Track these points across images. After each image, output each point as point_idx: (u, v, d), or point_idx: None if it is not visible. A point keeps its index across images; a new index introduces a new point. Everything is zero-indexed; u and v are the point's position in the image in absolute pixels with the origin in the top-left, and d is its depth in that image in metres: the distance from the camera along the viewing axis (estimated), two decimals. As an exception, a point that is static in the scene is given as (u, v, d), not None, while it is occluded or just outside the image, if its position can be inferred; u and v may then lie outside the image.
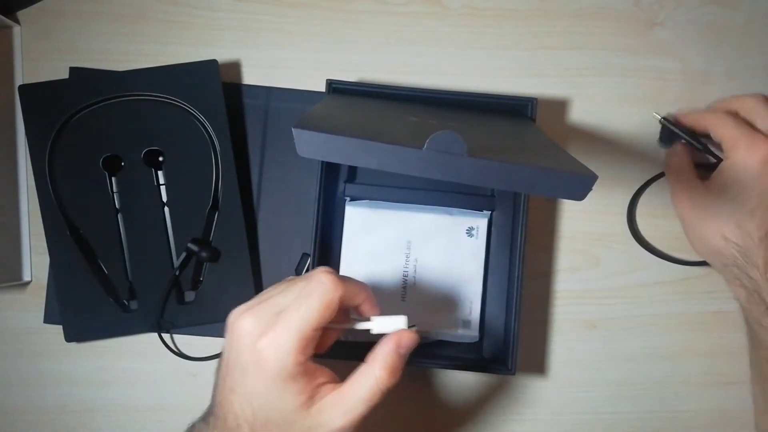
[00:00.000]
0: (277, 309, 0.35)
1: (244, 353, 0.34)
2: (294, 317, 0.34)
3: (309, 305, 0.34)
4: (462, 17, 0.55)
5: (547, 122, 0.53)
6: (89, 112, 0.52)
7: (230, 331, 0.36)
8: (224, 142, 0.52)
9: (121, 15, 0.55)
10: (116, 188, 0.52)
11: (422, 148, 0.33)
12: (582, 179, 0.33)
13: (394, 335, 0.36)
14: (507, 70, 0.55)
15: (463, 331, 0.50)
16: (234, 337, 0.35)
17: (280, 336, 0.34)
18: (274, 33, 0.55)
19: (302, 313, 0.34)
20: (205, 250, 0.51)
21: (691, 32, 0.55)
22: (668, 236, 0.54)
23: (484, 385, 0.53)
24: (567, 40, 0.55)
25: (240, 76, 0.54)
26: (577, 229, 0.54)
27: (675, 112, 0.52)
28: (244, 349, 0.34)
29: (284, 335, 0.33)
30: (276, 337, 0.34)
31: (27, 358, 0.53)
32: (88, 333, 0.52)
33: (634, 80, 0.55)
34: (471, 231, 0.51)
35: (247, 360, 0.34)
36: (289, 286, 0.36)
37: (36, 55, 0.54)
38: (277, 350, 0.33)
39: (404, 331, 0.36)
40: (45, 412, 0.53)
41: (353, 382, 0.35)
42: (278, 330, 0.34)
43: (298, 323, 0.34)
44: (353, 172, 0.53)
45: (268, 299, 0.36)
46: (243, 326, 0.34)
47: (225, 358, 0.36)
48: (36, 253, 0.54)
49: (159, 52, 0.54)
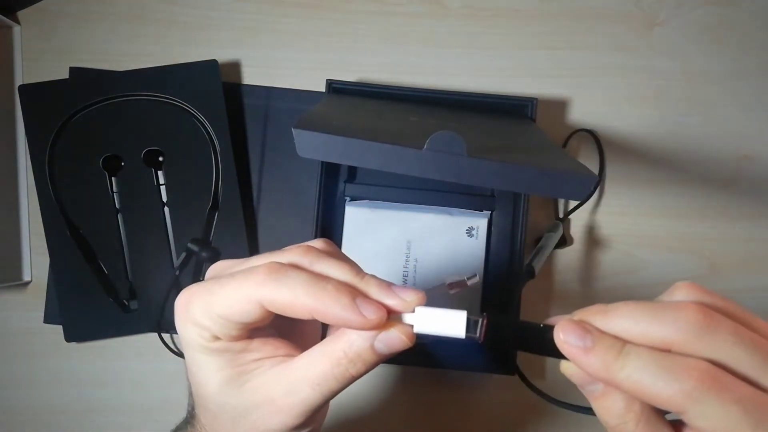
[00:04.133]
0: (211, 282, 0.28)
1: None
2: (208, 294, 0.27)
3: (222, 291, 0.27)
4: (462, 17, 0.55)
5: (547, 122, 0.53)
6: (89, 112, 0.52)
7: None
8: (224, 142, 0.52)
9: (121, 15, 0.55)
10: (116, 188, 0.52)
11: (422, 148, 0.33)
12: (582, 179, 0.33)
13: (382, 330, 0.26)
14: (507, 70, 0.55)
15: (463, 331, 0.50)
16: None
17: (193, 308, 0.27)
18: (274, 33, 0.55)
19: (215, 295, 0.27)
20: (205, 250, 0.51)
21: (692, 32, 0.55)
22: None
23: (484, 385, 0.53)
24: (567, 40, 0.55)
25: (240, 76, 0.54)
26: (577, 228, 0.54)
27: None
28: (176, 323, 0.29)
29: (196, 308, 0.27)
30: (189, 310, 0.27)
31: (27, 358, 0.53)
32: (88, 333, 0.52)
33: (635, 80, 0.55)
34: (471, 231, 0.51)
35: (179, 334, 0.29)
36: (251, 259, 0.29)
37: (36, 55, 0.55)
38: (186, 322, 0.28)
39: (396, 331, 0.26)
40: (45, 412, 0.53)
41: (304, 357, 0.27)
42: (193, 301, 0.27)
43: (206, 302, 0.27)
44: (353, 172, 0.53)
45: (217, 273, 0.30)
46: (178, 298, 0.29)
47: None
48: (36, 253, 0.54)
49: (159, 52, 0.54)
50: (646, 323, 0.23)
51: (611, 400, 0.25)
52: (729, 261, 0.54)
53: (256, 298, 0.26)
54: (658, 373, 0.22)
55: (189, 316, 0.27)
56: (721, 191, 0.54)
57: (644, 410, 0.24)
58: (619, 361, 0.23)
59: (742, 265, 0.54)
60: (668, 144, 0.54)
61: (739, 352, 0.22)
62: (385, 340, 0.26)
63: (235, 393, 0.28)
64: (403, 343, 0.27)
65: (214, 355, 0.28)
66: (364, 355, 0.26)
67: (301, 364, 0.27)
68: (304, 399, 0.27)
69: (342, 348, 0.26)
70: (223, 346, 0.27)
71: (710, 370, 0.21)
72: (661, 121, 0.54)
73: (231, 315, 0.26)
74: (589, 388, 0.25)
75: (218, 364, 0.28)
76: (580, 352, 0.24)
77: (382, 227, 0.50)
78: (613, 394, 0.24)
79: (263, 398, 0.27)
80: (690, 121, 0.54)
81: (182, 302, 0.28)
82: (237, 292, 0.26)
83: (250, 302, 0.26)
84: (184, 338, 0.28)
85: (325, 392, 0.27)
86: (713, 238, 0.54)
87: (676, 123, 0.54)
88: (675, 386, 0.21)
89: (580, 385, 0.26)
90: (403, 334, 0.26)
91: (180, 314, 0.28)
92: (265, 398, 0.27)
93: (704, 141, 0.54)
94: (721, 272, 0.54)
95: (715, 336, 0.22)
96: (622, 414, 0.24)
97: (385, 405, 0.53)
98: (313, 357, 0.27)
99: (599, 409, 0.25)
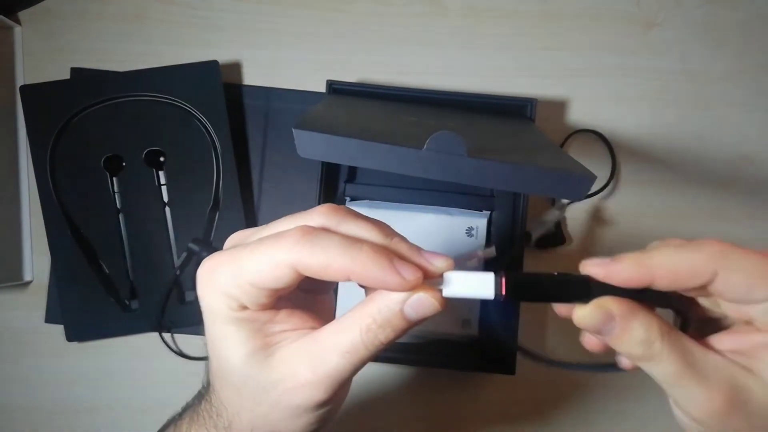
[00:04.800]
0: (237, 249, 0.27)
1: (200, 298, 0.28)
2: (236, 261, 0.26)
3: (252, 257, 0.26)
4: (462, 18, 0.55)
5: (546, 122, 0.54)
6: (90, 112, 0.52)
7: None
8: (225, 143, 0.52)
9: (122, 16, 0.55)
10: (117, 188, 0.52)
11: (422, 148, 0.33)
12: (581, 179, 0.34)
13: (412, 295, 0.25)
14: (506, 71, 0.55)
15: (463, 330, 0.50)
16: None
17: (220, 277, 0.26)
18: (275, 33, 0.55)
19: (244, 261, 0.26)
20: (206, 250, 0.51)
21: (691, 32, 0.55)
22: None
23: (484, 385, 0.53)
24: (567, 40, 0.55)
25: (241, 77, 0.55)
26: (578, 228, 0.54)
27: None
28: (199, 293, 0.28)
29: (223, 276, 0.26)
30: (215, 279, 0.27)
31: (28, 358, 0.53)
32: (89, 333, 0.52)
33: (634, 80, 0.55)
34: (471, 231, 0.51)
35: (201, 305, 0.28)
36: (272, 225, 0.28)
37: (37, 55, 0.55)
38: (212, 291, 0.27)
39: (426, 295, 0.26)
40: (46, 412, 0.53)
41: (332, 326, 0.27)
42: (220, 270, 0.27)
43: (234, 270, 0.26)
44: (353, 172, 0.53)
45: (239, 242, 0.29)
46: (201, 267, 0.28)
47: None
48: (37, 253, 0.54)
49: (160, 53, 0.54)
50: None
51: (630, 331, 0.25)
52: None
53: (290, 262, 0.25)
54: (683, 250, 0.25)
55: (215, 285, 0.26)
56: (720, 191, 0.54)
57: (663, 327, 0.26)
58: (646, 254, 0.25)
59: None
60: (667, 144, 0.54)
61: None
62: (415, 305, 0.25)
63: (260, 366, 0.27)
64: (433, 308, 0.26)
65: (240, 325, 0.27)
66: (393, 320, 0.26)
67: (329, 333, 0.26)
68: (333, 369, 0.26)
69: (370, 314, 0.26)
70: (250, 315, 0.27)
71: (726, 242, 0.25)
72: (661, 121, 0.54)
73: (262, 281, 0.25)
74: (608, 327, 0.26)
75: (244, 336, 0.27)
76: (608, 263, 0.26)
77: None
78: (631, 324, 0.25)
79: (290, 371, 0.26)
80: (689, 121, 0.54)
81: (207, 270, 0.27)
82: (269, 258, 0.25)
83: (284, 267, 0.25)
84: (209, 308, 0.27)
85: (354, 361, 0.26)
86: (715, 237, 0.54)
87: (676, 123, 0.54)
88: (703, 251, 0.25)
89: (597, 330, 0.26)
90: (433, 298, 0.25)
91: (204, 283, 0.27)
92: (292, 371, 0.26)
93: (703, 141, 0.54)
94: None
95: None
96: (644, 338, 0.25)
97: (384, 405, 0.53)
98: (343, 325, 0.26)
99: (622, 344, 0.26)
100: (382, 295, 0.26)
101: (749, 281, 0.25)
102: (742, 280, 0.25)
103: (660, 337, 0.25)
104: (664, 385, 0.26)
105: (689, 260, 0.25)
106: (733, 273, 0.25)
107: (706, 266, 0.25)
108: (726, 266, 0.25)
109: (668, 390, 0.26)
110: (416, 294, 0.25)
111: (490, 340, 0.52)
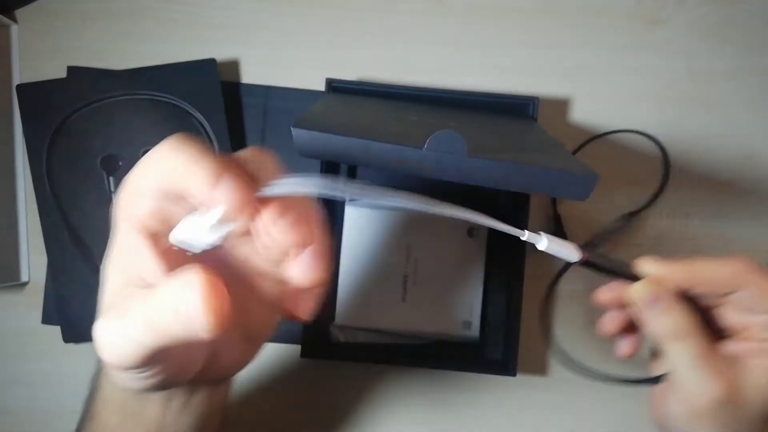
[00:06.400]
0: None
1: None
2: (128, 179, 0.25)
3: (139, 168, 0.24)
4: (463, 16, 0.55)
5: (548, 121, 0.53)
6: (87, 111, 0.51)
7: None
8: (223, 142, 0.51)
9: (118, 14, 0.54)
10: (114, 188, 0.52)
11: (423, 147, 0.33)
12: (583, 179, 0.33)
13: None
14: (508, 69, 0.54)
15: (464, 331, 0.50)
16: None
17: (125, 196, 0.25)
18: (274, 32, 0.54)
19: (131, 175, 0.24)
20: (204, 251, 0.51)
21: (694, 31, 0.54)
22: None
23: (485, 385, 0.53)
24: (569, 38, 0.54)
25: (239, 75, 0.54)
26: (579, 228, 0.54)
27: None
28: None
29: (125, 200, 0.25)
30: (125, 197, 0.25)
31: (25, 359, 0.53)
32: (86, 334, 0.52)
33: (637, 79, 0.54)
34: (472, 231, 0.50)
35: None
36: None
37: (34, 54, 0.54)
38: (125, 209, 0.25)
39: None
40: (43, 413, 0.53)
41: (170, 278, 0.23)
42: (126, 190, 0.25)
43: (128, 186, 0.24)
44: (353, 172, 0.53)
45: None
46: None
47: None
48: (34, 254, 0.53)
49: (157, 51, 0.54)
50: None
51: (672, 311, 0.31)
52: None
53: (168, 170, 0.23)
54: (720, 264, 0.31)
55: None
56: (723, 191, 0.54)
57: (696, 315, 0.31)
58: (691, 262, 0.32)
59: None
60: (670, 143, 0.54)
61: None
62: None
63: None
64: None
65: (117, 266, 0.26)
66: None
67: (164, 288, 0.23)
68: (164, 335, 0.23)
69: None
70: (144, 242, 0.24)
71: (753, 262, 0.31)
72: (663, 120, 0.54)
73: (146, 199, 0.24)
74: (655, 303, 0.31)
75: (116, 284, 0.26)
76: (664, 262, 0.32)
77: (382, 227, 0.50)
78: (674, 306, 0.31)
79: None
80: (692, 120, 0.54)
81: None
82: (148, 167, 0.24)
83: (162, 176, 0.24)
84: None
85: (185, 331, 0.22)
86: (715, 237, 0.54)
87: (679, 122, 0.54)
88: (735, 266, 0.31)
89: (646, 303, 0.32)
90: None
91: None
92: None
93: (707, 140, 0.54)
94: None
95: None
96: (681, 319, 0.31)
97: (384, 405, 0.53)
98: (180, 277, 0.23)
99: (660, 322, 0.31)
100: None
101: (761, 296, 0.31)
102: (756, 294, 0.31)
103: (693, 322, 0.31)
104: (682, 365, 0.31)
105: (723, 272, 0.31)
106: (751, 287, 0.31)
107: (734, 279, 0.31)
108: (748, 281, 0.31)
109: (682, 371, 0.31)
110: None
111: (491, 341, 0.51)
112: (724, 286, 0.31)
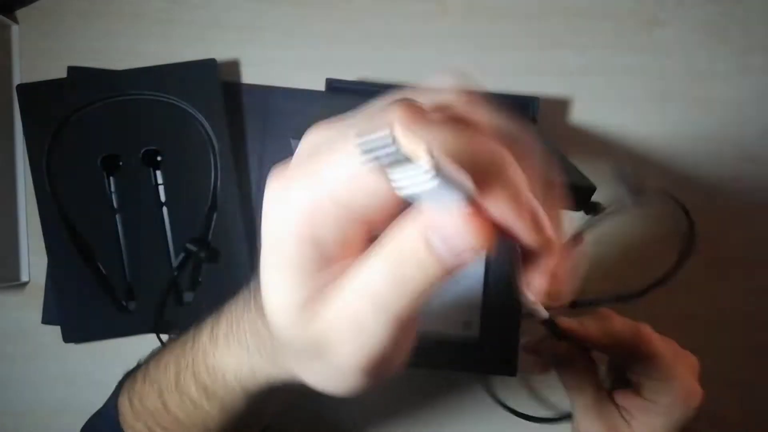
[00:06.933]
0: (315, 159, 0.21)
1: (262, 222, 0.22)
2: (314, 171, 0.20)
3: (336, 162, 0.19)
4: (462, 15, 0.55)
5: (548, 122, 0.53)
6: (87, 111, 0.51)
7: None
8: (223, 142, 0.51)
9: (119, 14, 0.54)
10: (114, 188, 0.52)
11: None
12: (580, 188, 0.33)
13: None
14: (508, 70, 0.54)
15: (463, 331, 0.50)
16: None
17: (290, 193, 0.21)
18: (274, 32, 0.54)
19: (325, 170, 0.20)
20: (204, 251, 0.51)
21: (693, 31, 0.54)
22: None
23: (485, 385, 0.53)
24: (568, 39, 0.54)
25: (239, 75, 0.54)
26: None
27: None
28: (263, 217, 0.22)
29: (292, 193, 0.21)
30: (283, 195, 0.21)
31: (25, 359, 0.53)
32: (86, 334, 0.52)
33: (636, 79, 0.54)
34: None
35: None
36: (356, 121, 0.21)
37: (34, 54, 0.54)
38: (276, 214, 0.21)
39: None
40: (43, 413, 0.53)
41: (370, 257, 0.19)
42: (292, 186, 0.21)
43: (312, 182, 0.20)
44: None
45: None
46: (269, 180, 0.22)
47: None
48: (34, 254, 0.53)
49: (157, 51, 0.54)
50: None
51: (577, 374, 0.40)
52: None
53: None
54: (628, 325, 0.38)
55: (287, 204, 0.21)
56: (723, 191, 0.54)
57: (594, 380, 0.40)
58: (605, 321, 0.39)
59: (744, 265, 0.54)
60: (670, 143, 0.54)
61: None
62: (441, 233, 0.18)
63: (304, 322, 0.20)
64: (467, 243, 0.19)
65: (295, 264, 0.20)
66: (418, 252, 0.19)
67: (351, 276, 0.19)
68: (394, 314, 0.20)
69: (393, 243, 0.19)
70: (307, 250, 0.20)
71: (653, 331, 0.39)
72: (664, 120, 0.54)
73: (351, 196, 0.19)
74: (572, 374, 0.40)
75: (296, 279, 0.20)
76: (580, 324, 0.39)
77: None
78: (582, 371, 0.40)
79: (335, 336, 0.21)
80: (693, 120, 0.54)
81: (277, 188, 0.22)
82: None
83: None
84: (266, 236, 0.21)
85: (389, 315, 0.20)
86: (715, 237, 0.53)
87: (679, 122, 0.54)
88: (634, 329, 0.38)
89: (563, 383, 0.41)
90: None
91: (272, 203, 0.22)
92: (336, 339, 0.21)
93: (707, 141, 0.54)
94: (723, 272, 0.53)
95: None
96: (583, 380, 0.40)
97: (385, 405, 0.53)
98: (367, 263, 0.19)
99: (567, 380, 0.41)
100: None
101: (653, 364, 0.37)
102: (650, 362, 0.37)
103: (591, 380, 0.39)
104: (579, 410, 0.39)
105: (627, 330, 0.37)
106: (650, 350, 0.37)
107: (633, 339, 0.37)
108: (649, 348, 0.37)
109: (579, 415, 0.39)
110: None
111: (491, 341, 0.51)
112: (625, 344, 0.37)
